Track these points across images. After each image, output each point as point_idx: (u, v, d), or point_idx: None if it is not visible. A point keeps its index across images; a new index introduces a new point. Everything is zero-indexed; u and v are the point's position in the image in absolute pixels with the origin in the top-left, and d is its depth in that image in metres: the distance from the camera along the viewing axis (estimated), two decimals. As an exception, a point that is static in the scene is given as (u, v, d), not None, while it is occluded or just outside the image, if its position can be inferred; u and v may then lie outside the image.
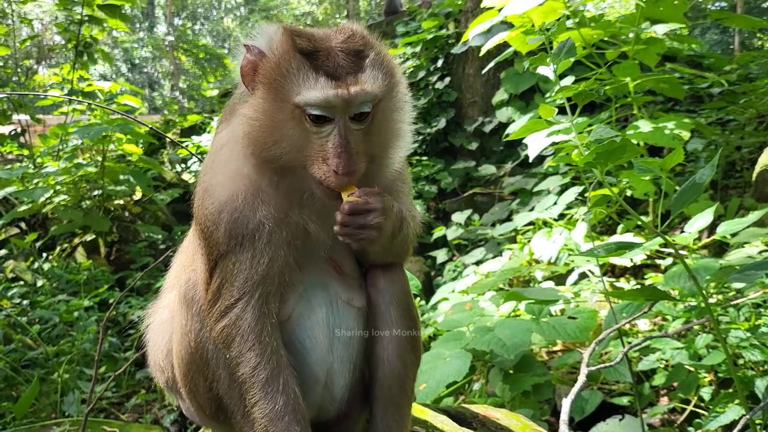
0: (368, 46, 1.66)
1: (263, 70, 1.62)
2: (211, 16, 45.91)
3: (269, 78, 1.61)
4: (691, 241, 4.11)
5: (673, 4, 4.47)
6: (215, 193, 1.72)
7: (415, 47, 11.42)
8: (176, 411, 4.74)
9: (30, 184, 7.61)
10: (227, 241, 1.70)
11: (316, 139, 1.61)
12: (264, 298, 1.72)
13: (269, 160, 1.63)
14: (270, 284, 1.72)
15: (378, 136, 1.70)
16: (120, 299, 6.16)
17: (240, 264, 1.70)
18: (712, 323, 2.37)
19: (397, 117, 1.75)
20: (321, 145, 1.60)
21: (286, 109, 1.60)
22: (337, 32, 1.68)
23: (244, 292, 1.70)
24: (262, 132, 1.61)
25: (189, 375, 1.81)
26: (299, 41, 1.60)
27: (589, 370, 2.62)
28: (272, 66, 1.61)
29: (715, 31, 27.63)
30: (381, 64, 1.66)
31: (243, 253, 1.70)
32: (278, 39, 1.63)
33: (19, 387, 4.46)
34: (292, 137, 1.61)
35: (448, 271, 7.64)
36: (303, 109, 1.58)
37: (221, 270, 1.72)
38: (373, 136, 1.69)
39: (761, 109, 6.89)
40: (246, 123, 1.63)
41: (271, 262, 1.71)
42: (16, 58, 11.14)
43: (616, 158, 2.36)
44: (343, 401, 1.92)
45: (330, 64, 1.59)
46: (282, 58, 1.60)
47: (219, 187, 1.72)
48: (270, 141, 1.61)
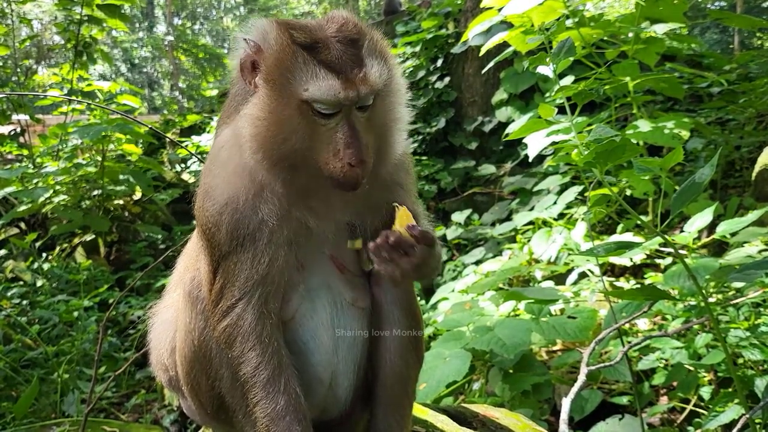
0: (362, 33, 1.65)
1: (264, 66, 1.61)
2: (210, 16, 45.88)
3: (272, 74, 1.59)
4: (690, 241, 4.11)
5: (672, 3, 4.47)
6: (215, 195, 1.71)
7: (415, 47, 11.41)
8: (176, 411, 4.74)
9: (29, 184, 7.61)
10: (228, 242, 1.69)
11: (324, 131, 1.60)
12: (264, 298, 1.71)
13: (281, 158, 1.62)
14: (270, 284, 1.72)
15: (380, 120, 1.70)
16: (120, 299, 6.16)
17: (241, 264, 1.69)
18: (712, 322, 2.38)
19: (395, 100, 1.75)
20: (330, 137, 1.60)
21: (293, 105, 1.58)
22: (328, 21, 1.66)
23: (245, 292, 1.70)
24: (270, 131, 1.60)
25: (192, 373, 1.81)
26: (296, 34, 1.59)
27: (588, 370, 2.62)
28: (273, 62, 1.59)
29: (715, 30, 27.62)
30: (378, 53, 1.66)
31: (244, 254, 1.69)
32: (274, 33, 1.61)
33: (19, 387, 4.46)
34: (301, 132, 1.60)
35: (448, 270, 7.63)
36: (311, 105, 1.58)
37: (223, 270, 1.71)
38: (374, 121, 1.68)
39: (761, 108, 6.89)
40: (252, 124, 1.61)
41: (272, 262, 1.70)
42: (16, 58, 11.12)
43: (616, 158, 2.36)
44: (347, 402, 1.91)
45: (332, 57, 1.57)
46: (282, 53, 1.59)
47: (219, 188, 1.72)
48: (279, 138, 1.60)
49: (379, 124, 1.71)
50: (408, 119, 1.80)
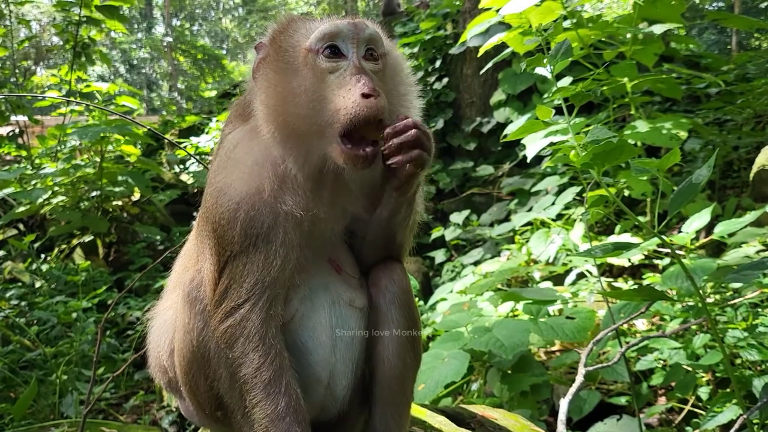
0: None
1: (270, 45, 1.75)
2: (209, 17, 45.90)
3: (277, 43, 1.74)
4: (688, 241, 4.12)
5: (670, 4, 4.48)
6: (231, 192, 1.71)
7: (413, 48, 11.42)
8: (174, 412, 4.74)
9: (28, 185, 7.60)
10: (241, 241, 1.69)
11: (333, 79, 1.65)
12: (272, 300, 1.72)
13: (294, 127, 1.67)
14: (280, 287, 1.73)
15: (390, 85, 1.77)
16: (118, 300, 6.16)
17: (251, 265, 1.69)
18: (710, 323, 2.38)
19: (403, 74, 1.87)
20: (339, 82, 1.64)
21: (299, 59, 1.69)
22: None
23: (253, 293, 1.69)
24: (279, 95, 1.68)
25: (190, 373, 1.81)
26: (298, 14, 1.79)
27: (587, 370, 2.62)
28: (277, 33, 1.75)
29: (713, 31, 27.68)
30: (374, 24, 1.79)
31: (256, 254, 1.69)
32: (279, 21, 1.80)
33: (18, 388, 4.45)
34: (310, 88, 1.66)
35: (447, 271, 7.64)
36: (316, 51, 1.67)
37: (230, 271, 1.71)
38: (387, 86, 1.74)
39: (758, 109, 6.91)
40: (264, 99, 1.70)
41: (284, 264, 1.71)
42: (14, 59, 11.12)
43: (614, 158, 2.36)
44: (345, 401, 1.91)
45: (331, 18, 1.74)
46: (287, 25, 1.76)
47: (236, 184, 1.72)
48: (289, 99, 1.66)
49: (390, 90, 1.76)
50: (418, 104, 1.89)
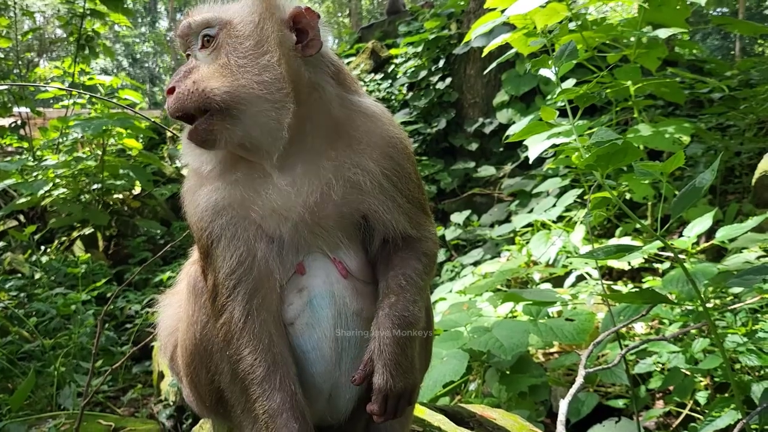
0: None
1: None
2: (213, 12, 45.74)
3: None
4: (689, 246, 4.11)
5: (675, 8, 4.48)
6: (187, 198, 1.82)
7: (417, 47, 11.42)
8: (172, 406, 4.73)
9: (29, 177, 7.61)
10: (206, 242, 1.71)
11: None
12: (248, 295, 1.68)
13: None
14: (246, 281, 1.68)
15: (231, 59, 1.65)
16: (118, 293, 6.15)
17: (220, 261, 1.69)
18: (710, 327, 2.38)
19: (239, 41, 1.66)
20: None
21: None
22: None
23: (227, 288, 1.68)
24: None
25: (192, 365, 1.81)
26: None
27: (586, 372, 2.62)
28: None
29: (716, 36, 27.67)
30: (204, 10, 1.81)
31: (219, 250, 1.69)
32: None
33: (16, 379, 4.45)
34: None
35: (446, 271, 7.64)
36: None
37: (211, 268, 1.71)
38: (226, 60, 1.65)
39: (761, 114, 6.91)
40: None
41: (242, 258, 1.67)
42: (18, 50, 11.12)
43: (617, 161, 2.35)
44: (347, 412, 1.84)
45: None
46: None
47: (189, 190, 1.81)
48: None
49: (228, 64, 1.64)
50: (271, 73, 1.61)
